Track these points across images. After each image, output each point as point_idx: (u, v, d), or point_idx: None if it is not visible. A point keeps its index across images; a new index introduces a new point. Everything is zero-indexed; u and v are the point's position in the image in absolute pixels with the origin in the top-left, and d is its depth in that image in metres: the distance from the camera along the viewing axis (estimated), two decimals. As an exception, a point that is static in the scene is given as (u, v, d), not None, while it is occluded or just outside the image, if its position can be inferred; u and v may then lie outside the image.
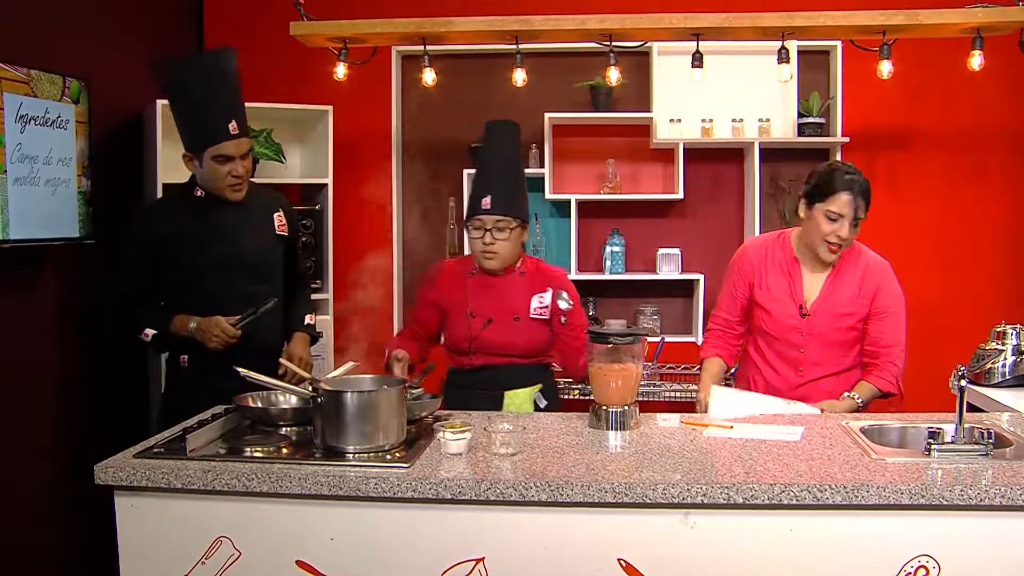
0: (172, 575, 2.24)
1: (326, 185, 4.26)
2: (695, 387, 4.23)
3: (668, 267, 4.51)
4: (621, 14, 3.30)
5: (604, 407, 2.60)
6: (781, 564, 2.09)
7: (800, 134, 4.40)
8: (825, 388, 2.91)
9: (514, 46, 3.66)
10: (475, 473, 2.17)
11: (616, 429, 2.58)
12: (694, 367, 4.48)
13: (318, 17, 3.52)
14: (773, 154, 4.51)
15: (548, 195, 4.48)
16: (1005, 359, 3.13)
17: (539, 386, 2.90)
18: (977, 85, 4.19)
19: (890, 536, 2.07)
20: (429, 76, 3.54)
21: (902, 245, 4.45)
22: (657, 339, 4.36)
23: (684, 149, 4.43)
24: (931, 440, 2.29)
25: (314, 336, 3.26)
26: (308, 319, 3.24)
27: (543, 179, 4.47)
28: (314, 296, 4.24)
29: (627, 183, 4.65)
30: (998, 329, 3.20)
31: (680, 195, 4.43)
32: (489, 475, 2.15)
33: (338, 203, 4.50)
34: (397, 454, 2.30)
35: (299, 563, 2.21)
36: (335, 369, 2.78)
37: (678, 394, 4.22)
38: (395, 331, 4.69)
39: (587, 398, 4.23)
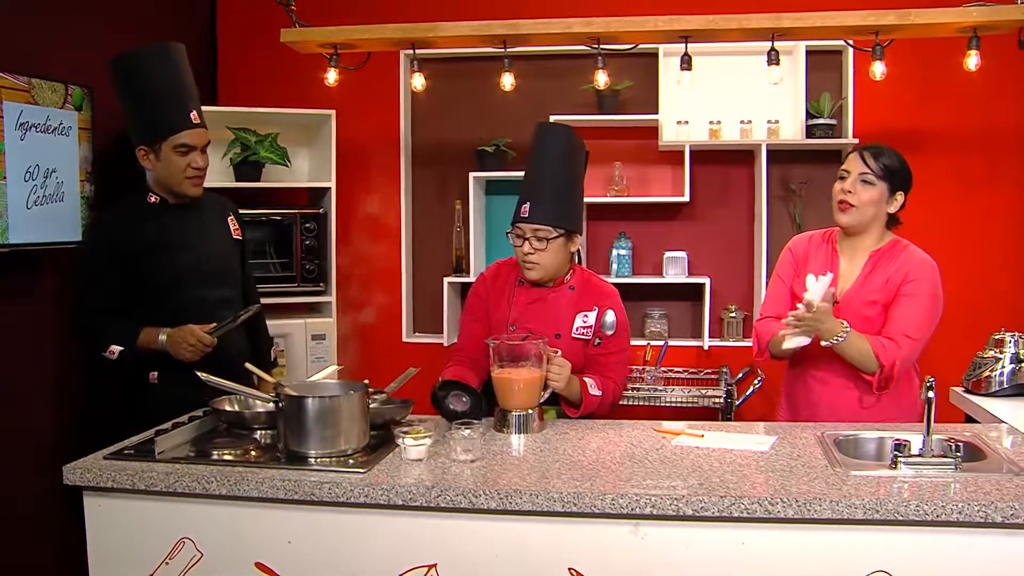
0: (138, 574, 2.29)
1: (329, 188, 4.30)
2: (698, 391, 4.21)
3: (674, 270, 4.47)
4: (607, 17, 3.27)
5: (508, 412, 2.61)
6: (734, 577, 2.07)
7: (810, 135, 4.32)
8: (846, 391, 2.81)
9: (513, 50, 3.67)
10: (428, 480, 2.17)
11: (520, 432, 2.60)
12: (701, 372, 4.44)
13: (313, 24, 3.56)
14: (783, 156, 4.44)
15: (553, 198, 4.46)
16: (1003, 367, 3.04)
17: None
18: (992, 85, 4.08)
19: (845, 551, 2.03)
20: (418, 81, 3.55)
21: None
22: (660, 343, 4.33)
23: (692, 151, 4.39)
24: (897, 452, 2.24)
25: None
26: (273, 353, 3.28)
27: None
28: (317, 299, 4.31)
29: (636, 186, 4.62)
30: (996, 337, 3.11)
31: (686, 198, 4.38)
32: (440, 482, 2.15)
33: (346, 206, 4.56)
34: (360, 459, 2.32)
35: (258, 565, 2.24)
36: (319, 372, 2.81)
37: (681, 399, 4.17)
38: (403, 332, 4.72)
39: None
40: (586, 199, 4.45)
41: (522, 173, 4.49)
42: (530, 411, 2.62)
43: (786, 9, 3.30)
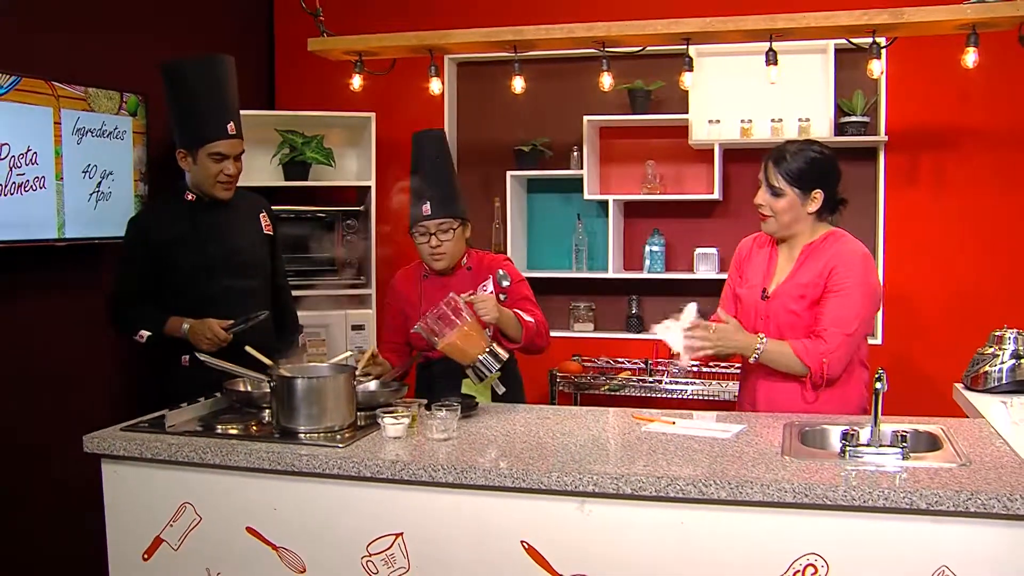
0: (147, 534, 2.55)
1: (370, 187, 4.55)
2: (720, 385, 4.29)
3: (705, 267, 4.54)
4: (608, 21, 3.39)
5: (473, 363, 2.77)
6: (673, 555, 2.18)
7: (843, 133, 4.33)
8: (788, 387, 2.81)
9: (547, 52, 3.82)
10: (399, 455, 2.36)
11: (493, 365, 2.76)
12: (733, 366, 4.48)
13: (345, 33, 3.80)
14: (817, 153, 4.45)
15: (586, 196, 4.60)
16: (1002, 363, 3.02)
17: (497, 374, 3.01)
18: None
19: (779, 533, 2.12)
20: (436, 86, 3.74)
21: (945, 244, 4.33)
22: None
23: (724, 150, 4.46)
24: (845, 441, 2.31)
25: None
26: (302, 339, 3.49)
27: (581, 180, 4.59)
28: (358, 291, 4.56)
29: (672, 184, 4.71)
30: (997, 333, 3.08)
31: (717, 196, 4.45)
32: (406, 457, 2.33)
33: (390, 203, 4.79)
34: (345, 435, 2.52)
35: (248, 529, 2.47)
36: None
37: (703, 392, 4.25)
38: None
39: (613, 393, 4.37)
40: (616, 197, 4.62)
41: (558, 172, 4.73)
42: (488, 349, 2.78)
43: (793, 9, 3.36)
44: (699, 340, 2.67)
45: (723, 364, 4.50)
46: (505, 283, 3.01)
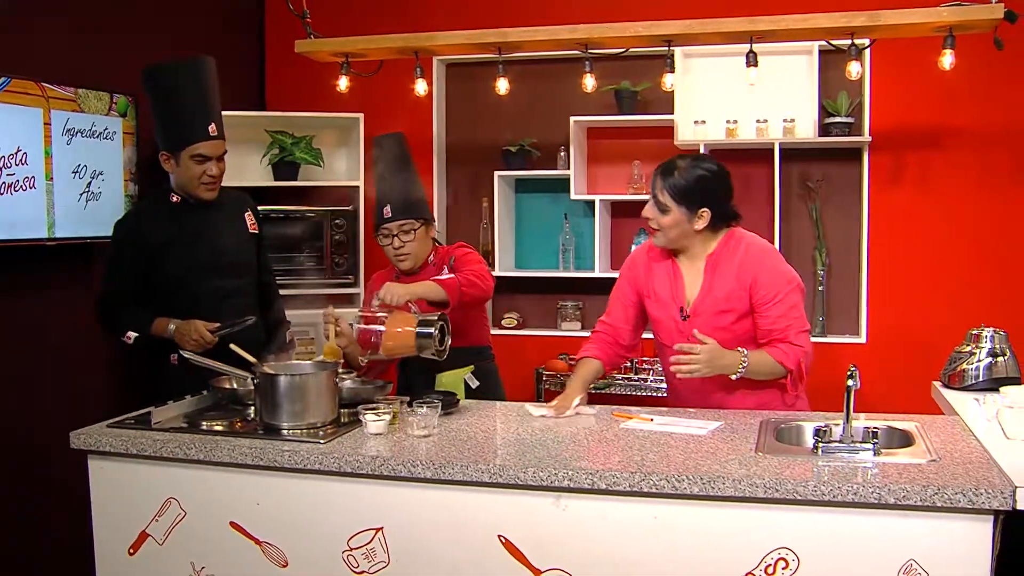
0: (133, 529, 2.58)
1: (359, 187, 4.59)
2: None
3: (691, 266, 4.57)
4: (591, 24, 3.43)
5: (423, 343, 2.80)
6: (647, 548, 2.22)
7: (827, 134, 4.37)
8: (735, 398, 2.82)
9: (534, 54, 3.85)
10: (379, 451, 2.39)
11: (432, 340, 2.77)
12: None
13: (332, 34, 3.84)
14: (802, 154, 4.51)
15: (573, 196, 4.64)
16: (978, 361, 3.07)
17: (470, 368, 3.06)
18: (1013, 81, 4.06)
19: (751, 527, 2.15)
20: (421, 87, 3.78)
21: (929, 243, 4.37)
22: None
23: (709, 150, 4.50)
24: (818, 438, 2.35)
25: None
26: (288, 335, 3.48)
27: (568, 180, 4.63)
28: (346, 291, 4.60)
29: (659, 184, 4.75)
30: (974, 332, 3.13)
31: (702, 195, 4.49)
32: (385, 453, 2.37)
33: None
34: (328, 431, 2.56)
35: (232, 524, 2.50)
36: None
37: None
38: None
39: (600, 392, 4.41)
40: (602, 197, 4.66)
41: (545, 172, 4.77)
42: (424, 322, 2.80)
43: (775, 11, 3.41)
44: (687, 365, 2.62)
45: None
46: (452, 263, 3.08)
